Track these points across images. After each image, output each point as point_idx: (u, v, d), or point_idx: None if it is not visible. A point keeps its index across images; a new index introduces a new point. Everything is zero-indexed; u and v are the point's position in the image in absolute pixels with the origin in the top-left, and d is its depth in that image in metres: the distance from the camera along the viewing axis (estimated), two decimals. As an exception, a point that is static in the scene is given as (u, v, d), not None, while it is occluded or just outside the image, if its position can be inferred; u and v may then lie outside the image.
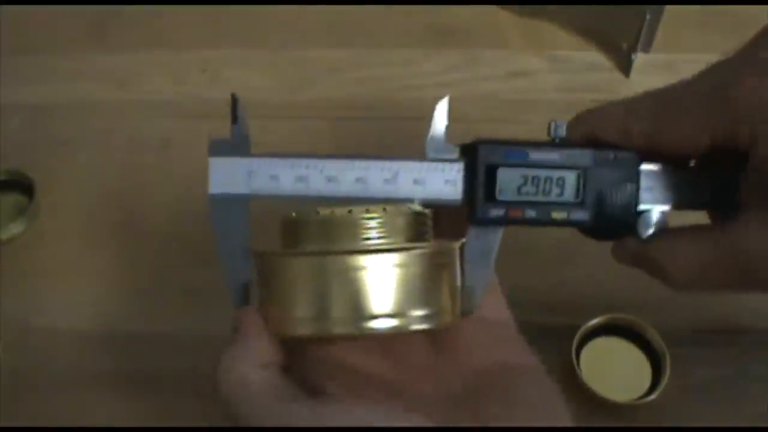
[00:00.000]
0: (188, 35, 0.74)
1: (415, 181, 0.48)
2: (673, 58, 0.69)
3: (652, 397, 0.59)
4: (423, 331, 0.45)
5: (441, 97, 0.47)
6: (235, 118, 0.48)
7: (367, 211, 0.45)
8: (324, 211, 0.46)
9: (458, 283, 0.48)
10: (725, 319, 0.62)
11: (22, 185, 0.69)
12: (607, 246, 0.61)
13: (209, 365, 0.57)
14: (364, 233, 0.45)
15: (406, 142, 0.46)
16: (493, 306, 0.51)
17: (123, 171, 0.70)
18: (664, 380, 0.59)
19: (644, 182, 0.48)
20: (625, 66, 0.72)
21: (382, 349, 0.48)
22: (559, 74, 0.72)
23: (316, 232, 0.46)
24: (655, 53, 0.70)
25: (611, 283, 0.63)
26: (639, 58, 0.70)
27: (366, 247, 0.45)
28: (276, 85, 0.71)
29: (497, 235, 0.49)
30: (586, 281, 0.45)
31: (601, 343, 0.62)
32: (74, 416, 0.61)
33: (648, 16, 0.68)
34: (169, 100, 0.72)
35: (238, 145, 0.48)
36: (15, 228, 0.67)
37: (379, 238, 0.45)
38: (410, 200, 0.48)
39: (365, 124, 0.69)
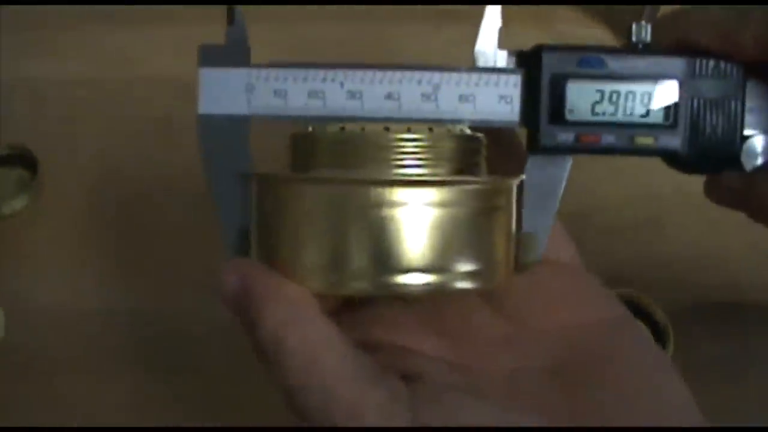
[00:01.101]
0: (194, 11, 0.74)
1: (461, 98, 0.38)
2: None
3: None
4: (470, 291, 0.36)
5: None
6: (231, 19, 0.39)
7: (408, 130, 0.36)
8: (351, 127, 0.36)
9: (513, 228, 0.39)
10: (729, 294, 0.61)
11: (25, 160, 0.68)
12: (607, 219, 0.62)
13: (214, 342, 0.57)
14: (399, 159, 0.36)
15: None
16: (560, 245, 0.41)
17: (127, 147, 0.69)
18: (668, 355, 0.59)
19: (749, 102, 0.39)
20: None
21: (432, 320, 0.38)
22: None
23: (336, 155, 0.37)
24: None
25: (613, 257, 0.63)
26: (644, 34, 0.70)
27: (401, 177, 0.35)
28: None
29: (565, 167, 0.39)
30: (588, 256, 0.44)
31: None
32: (77, 394, 0.60)
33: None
34: (173, 76, 0.71)
35: (234, 53, 0.39)
36: (17, 203, 0.67)
37: (418, 166, 0.36)
38: (456, 122, 0.38)
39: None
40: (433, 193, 0.35)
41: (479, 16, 0.72)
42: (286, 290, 0.35)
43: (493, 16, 0.40)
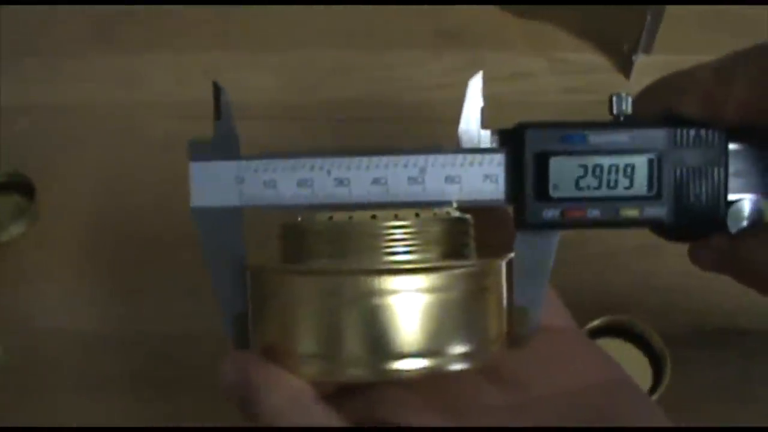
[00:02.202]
0: (193, 37, 0.74)
1: (448, 179, 0.38)
2: (674, 59, 0.68)
3: (653, 398, 0.57)
4: (465, 371, 0.36)
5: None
6: (218, 113, 0.39)
7: (396, 217, 0.36)
8: (339, 216, 0.37)
9: (505, 305, 0.39)
10: (726, 320, 0.61)
11: (22, 186, 0.68)
12: (603, 246, 0.62)
13: (212, 365, 0.57)
14: (389, 247, 0.36)
15: (410, 143, 0.41)
16: (555, 311, 0.42)
17: (125, 172, 0.69)
18: (665, 382, 0.58)
19: (733, 166, 0.39)
20: (625, 68, 0.72)
21: (433, 397, 0.38)
22: (560, 76, 0.71)
23: (326, 244, 0.37)
24: (656, 54, 0.70)
25: (610, 284, 0.62)
26: (640, 60, 0.70)
27: (392, 266, 0.36)
28: (281, 87, 0.71)
29: (552, 242, 0.39)
30: (585, 282, 0.43)
31: (601, 344, 0.59)
32: (77, 418, 0.61)
33: (649, 17, 0.67)
34: (172, 101, 0.71)
35: (223, 146, 0.39)
36: (15, 229, 0.67)
37: (408, 253, 0.36)
38: (443, 203, 0.39)
39: (369, 125, 0.69)
40: (423, 280, 0.35)
41: (479, 42, 0.73)
42: (283, 380, 0.35)
43: (474, 96, 0.39)
